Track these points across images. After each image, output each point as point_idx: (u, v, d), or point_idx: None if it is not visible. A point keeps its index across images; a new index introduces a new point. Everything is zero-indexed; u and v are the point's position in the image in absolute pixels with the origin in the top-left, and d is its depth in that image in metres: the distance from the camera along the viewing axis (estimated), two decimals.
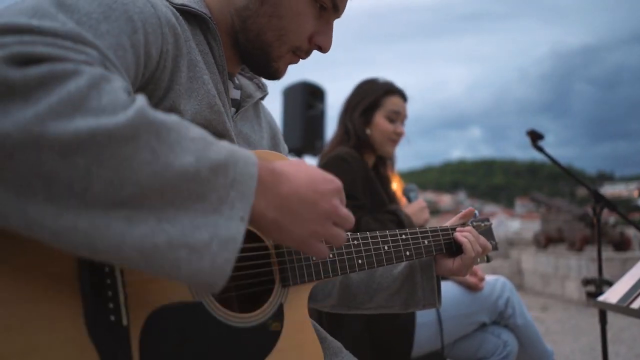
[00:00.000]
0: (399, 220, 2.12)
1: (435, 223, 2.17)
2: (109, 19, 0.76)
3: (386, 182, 2.36)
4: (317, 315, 2.04)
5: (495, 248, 1.48)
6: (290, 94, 4.49)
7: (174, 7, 0.97)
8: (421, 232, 1.25)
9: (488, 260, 1.44)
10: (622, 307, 1.62)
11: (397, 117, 2.31)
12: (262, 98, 1.28)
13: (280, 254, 0.98)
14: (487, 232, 1.49)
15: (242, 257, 0.93)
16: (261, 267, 0.96)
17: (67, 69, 0.62)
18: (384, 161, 2.44)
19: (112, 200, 0.62)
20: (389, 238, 1.18)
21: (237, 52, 1.09)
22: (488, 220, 1.51)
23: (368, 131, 2.28)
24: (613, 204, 2.14)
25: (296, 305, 0.99)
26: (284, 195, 0.79)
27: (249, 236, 0.94)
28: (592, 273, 6.75)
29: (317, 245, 0.84)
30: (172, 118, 0.70)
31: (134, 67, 0.79)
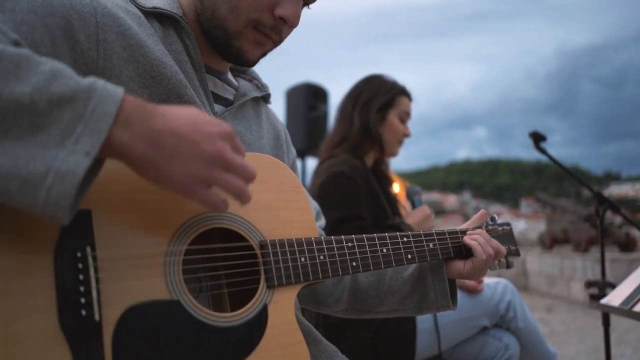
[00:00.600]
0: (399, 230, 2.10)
1: (440, 223, 2.14)
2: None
3: (387, 184, 2.33)
4: (318, 322, 2.03)
5: (516, 253, 1.43)
6: (293, 95, 4.50)
7: (144, 9, 1.00)
8: (426, 235, 1.23)
9: (508, 266, 1.39)
10: (625, 310, 1.61)
11: (407, 117, 2.30)
12: (265, 99, 1.27)
13: (266, 254, 0.96)
14: (507, 237, 1.43)
15: (225, 256, 0.93)
16: (245, 267, 0.95)
17: None
18: (384, 160, 2.40)
19: None
20: (388, 241, 1.15)
21: (208, 42, 1.08)
22: (508, 224, 1.44)
23: (380, 130, 2.23)
24: (616, 206, 2.13)
25: (282, 307, 0.97)
26: (157, 130, 0.74)
27: (234, 236, 0.94)
28: (598, 274, 6.72)
29: (203, 191, 0.78)
30: (16, 50, 0.70)
31: (46, 45, 0.82)
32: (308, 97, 4.37)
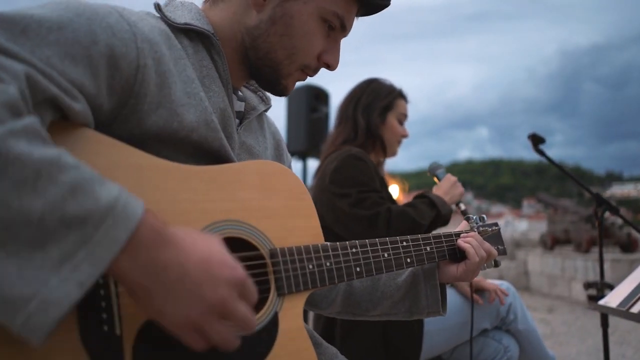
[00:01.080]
0: (430, 201, 2.11)
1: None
2: (63, 29, 0.77)
3: (385, 184, 2.36)
4: (330, 322, 2.05)
5: (503, 253, 1.48)
6: (294, 96, 4.51)
7: (176, 25, 1.01)
8: (423, 239, 1.26)
9: (496, 265, 1.44)
10: (622, 311, 1.63)
11: (404, 119, 2.37)
12: (266, 110, 1.30)
13: (276, 263, 0.98)
14: (495, 237, 1.49)
15: None
16: (257, 277, 0.96)
17: None
18: (383, 162, 2.45)
19: None
20: (389, 245, 1.18)
21: (246, 68, 1.12)
22: (496, 224, 1.50)
23: (381, 131, 2.29)
24: (615, 207, 2.14)
25: (291, 314, 0.99)
26: (162, 263, 0.71)
27: (245, 245, 0.96)
28: (599, 275, 6.72)
29: (190, 335, 0.74)
30: (42, 154, 0.65)
31: (90, 77, 0.80)
32: (309, 99, 4.38)
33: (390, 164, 2.66)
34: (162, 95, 0.91)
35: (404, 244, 1.21)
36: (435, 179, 2.27)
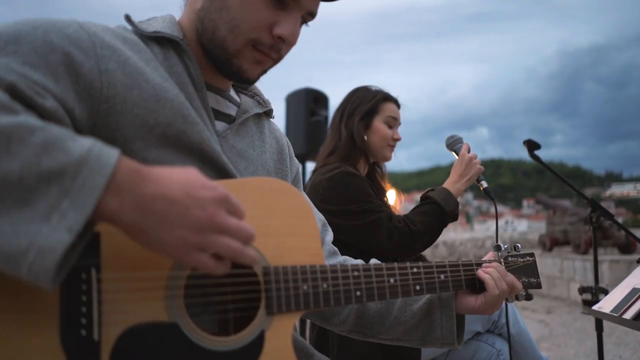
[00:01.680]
0: (434, 202, 2.10)
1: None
2: (20, 41, 0.83)
3: (382, 194, 2.35)
4: (324, 330, 2.05)
5: (537, 286, 1.37)
6: (293, 100, 4.52)
7: (146, 34, 1.03)
8: (437, 266, 1.20)
9: (527, 298, 1.35)
10: (615, 317, 1.65)
11: (395, 123, 2.32)
12: (267, 114, 1.30)
13: (268, 282, 0.97)
14: (529, 269, 1.38)
15: (227, 282, 0.94)
16: (247, 293, 0.95)
17: None
18: (378, 169, 2.43)
19: None
20: (397, 271, 1.14)
21: (210, 60, 1.10)
22: (532, 255, 1.40)
23: (365, 137, 2.27)
24: (610, 213, 2.17)
25: (279, 334, 0.97)
26: (148, 195, 0.75)
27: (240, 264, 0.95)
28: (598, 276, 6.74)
29: (196, 256, 0.78)
30: (10, 120, 0.71)
31: (52, 81, 0.83)
32: (308, 102, 4.39)
33: (390, 164, 2.68)
34: (134, 95, 0.93)
35: (414, 270, 1.16)
36: (455, 154, 2.22)
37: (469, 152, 2.18)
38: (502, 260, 1.34)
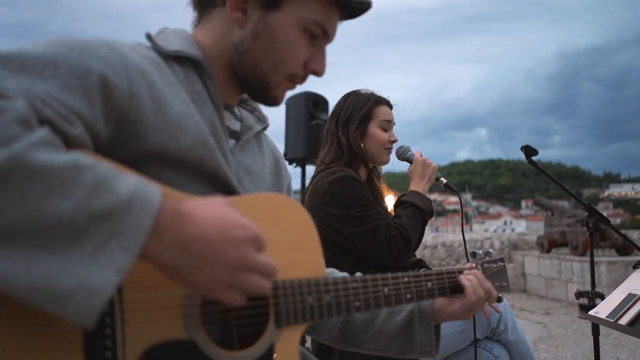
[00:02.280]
0: (413, 205, 2.20)
1: (442, 223, 2.19)
2: (58, 64, 0.84)
3: (381, 199, 2.37)
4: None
5: (507, 289, 1.51)
6: (293, 104, 4.53)
7: (167, 53, 1.05)
8: (425, 275, 1.28)
9: (498, 300, 1.49)
10: (611, 322, 1.68)
11: (389, 125, 2.33)
12: (264, 129, 1.33)
13: (277, 296, 1.01)
14: (500, 273, 1.52)
15: None
16: (257, 308, 0.99)
17: None
18: (376, 174, 2.46)
19: None
20: (390, 281, 1.20)
21: (236, 84, 1.15)
22: (502, 260, 1.53)
23: (362, 145, 2.28)
24: (607, 218, 2.19)
25: (288, 346, 1.01)
26: (186, 238, 0.79)
27: None
28: (596, 278, 6.76)
29: (225, 293, 0.83)
30: (62, 160, 0.72)
31: (86, 105, 0.85)
32: (308, 106, 4.40)
33: (388, 165, 2.68)
34: (158, 120, 0.95)
35: (405, 279, 1.23)
36: (407, 162, 2.36)
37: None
38: (479, 267, 1.45)
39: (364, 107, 2.28)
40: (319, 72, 1.15)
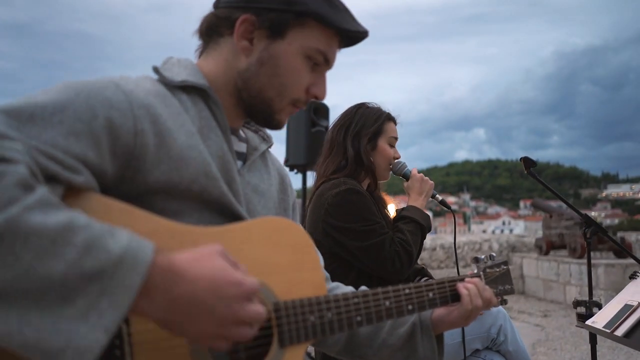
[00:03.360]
0: (415, 221, 2.24)
1: (441, 223, 2.23)
2: (65, 110, 0.88)
3: (383, 206, 2.41)
4: None
5: (511, 292, 1.54)
6: None
7: (173, 84, 1.09)
8: (426, 286, 1.31)
9: (503, 303, 1.52)
10: (607, 333, 1.72)
11: (395, 142, 2.39)
12: (268, 148, 1.37)
13: (279, 317, 1.04)
14: (504, 276, 1.54)
15: None
16: (260, 330, 1.00)
17: None
18: (377, 186, 2.47)
19: None
20: (391, 294, 1.23)
21: (241, 108, 1.20)
22: (505, 263, 1.56)
23: (372, 158, 2.31)
24: (604, 229, 2.23)
25: None
26: (176, 297, 0.81)
27: None
28: (594, 280, 6.80)
29: (215, 343, 0.87)
30: (57, 221, 0.74)
31: (93, 149, 0.89)
32: (308, 113, 4.42)
33: None
34: (161, 153, 0.99)
35: (406, 291, 1.26)
36: (403, 178, 2.41)
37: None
38: (482, 273, 1.48)
39: (376, 122, 2.31)
40: (320, 97, 1.22)
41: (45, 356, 0.71)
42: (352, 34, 1.18)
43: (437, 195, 2.43)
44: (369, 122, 2.31)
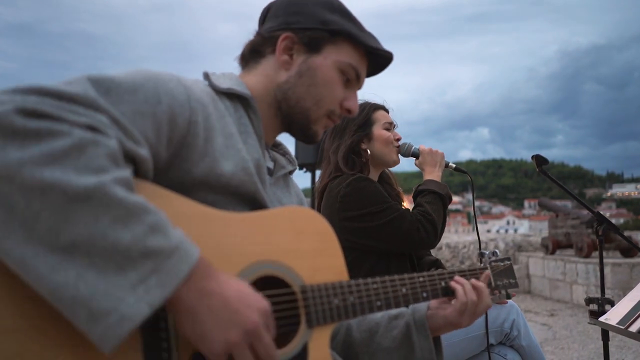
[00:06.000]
0: (432, 191, 2.26)
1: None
2: (136, 91, 0.95)
3: (399, 201, 2.41)
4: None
5: (515, 286, 1.58)
6: None
7: (220, 90, 1.18)
8: (438, 275, 1.37)
9: (508, 297, 1.55)
10: (622, 329, 1.73)
11: (391, 127, 2.39)
12: (292, 172, 1.45)
13: (306, 298, 1.10)
14: (508, 271, 1.59)
15: (271, 301, 1.04)
16: (289, 310, 1.08)
17: (62, 129, 0.80)
18: (388, 178, 2.50)
19: (49, 243, 0.76)
20: (407, 281, 1.29)
21: (279, 120, 1.30)
22: (508, 259, 1.61)
23: (369, 151, 2.32)
24: (616, 227, 2.24)
25: (319, 344, 1.11)
26: (209, 290, 0.89)
27: (279, 282, 1.08)
28: (600, 283, 6.77)
29: (221, 356, 0.89)
30: (135, 200, 0.82)
31: (153, 131, 0.96)
32: None
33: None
34: (207, 146, 1.07)
35: (421, 279, 1.32)
36: (413, 157, 2.42)
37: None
38: (489, 265, 1.54)
39: (361, 113, 2.33)
40: (352, 111, 1.32)
41: (90, 315, 0.76)
42: (379, 53, 1.31)
43: (451, 164, 2.45)
44: (356, 117, 2.30)
